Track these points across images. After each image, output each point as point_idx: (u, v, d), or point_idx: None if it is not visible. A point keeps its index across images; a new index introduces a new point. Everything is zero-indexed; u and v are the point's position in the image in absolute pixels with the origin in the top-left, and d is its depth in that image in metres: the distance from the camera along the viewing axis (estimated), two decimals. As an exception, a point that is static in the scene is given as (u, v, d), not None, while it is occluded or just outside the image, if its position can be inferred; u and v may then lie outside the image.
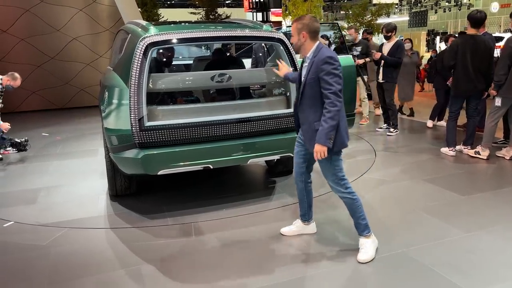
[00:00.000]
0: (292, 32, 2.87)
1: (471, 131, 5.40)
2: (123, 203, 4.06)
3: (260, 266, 2.90)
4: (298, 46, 2.90)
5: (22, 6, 9.20)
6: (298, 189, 3.24)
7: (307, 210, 3.29)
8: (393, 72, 6.39)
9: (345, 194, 2.93)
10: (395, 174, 4.79)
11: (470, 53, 4.98)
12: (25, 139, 6.00)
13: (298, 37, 2.85)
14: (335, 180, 2.93)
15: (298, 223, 3.36)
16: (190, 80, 3.91)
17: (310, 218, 3.33)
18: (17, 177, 5.07)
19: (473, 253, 2.98)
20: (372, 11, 24.84)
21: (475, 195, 4.06)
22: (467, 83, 5.08)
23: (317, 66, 2.76)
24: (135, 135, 3.37)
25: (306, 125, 2.92)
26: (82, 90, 10.04)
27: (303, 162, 3.13)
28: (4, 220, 3.78)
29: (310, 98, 2.86)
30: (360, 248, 2.98)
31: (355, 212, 2.97)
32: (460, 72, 5.07)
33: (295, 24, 2.87)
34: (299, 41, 2.86)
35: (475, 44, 4.98)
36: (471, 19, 5.02)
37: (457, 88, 5.16)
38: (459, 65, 5.06)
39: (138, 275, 2.83)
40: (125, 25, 4.54)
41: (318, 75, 2.76)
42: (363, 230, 3.00)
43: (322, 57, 2.76)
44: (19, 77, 5.77)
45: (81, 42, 9.82)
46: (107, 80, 4.13)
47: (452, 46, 5.18)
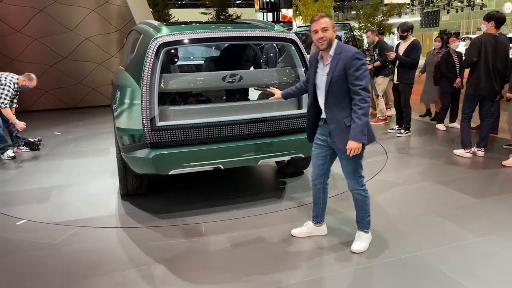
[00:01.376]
0: (329, 26, 2.80)
1: (485, 133, 5.32)
2: (134, 203, 4.08)
3: (270, 268, 2.89)
4: (331, 41, 2.84)
5: (36, 6, 9.30)
6: (314, 191, 3.23)
7: (321, 212, 3.29)
8: (408, 73, 6.30)
9: (360, 191, 3.02)
10: (406, 176, 4.74)
11: (492, 52, 4.89)
12: (38, 139, 6.07)
13: (332, 31, 2.83)
14: (355, 176, 2.99)
15: (310, 225, 3.35)
16: (202, 80, 3.91)
17: (322, 220, 3.32)
18: (30, 175, 5.13)
19: (487, 258, 2.94)
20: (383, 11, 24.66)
21: (488, 198, 4.00)
22: (487, 83, 4.96)
23: (345, 62, 2.75)
24: (147, 135, 3.38)
25: (335, 123, 2.87)
26: (94, 90, 10.12)
27: (323, 164, 3.11)
28: (17, 218, 3.82)
29: (337, 96, 2.83)
30: (356, 239, 3.11)
31: (364, 209, 3.07)
32: (482, 71, 4.94)
33: (330, 19, 2.84)
34: (332, 36, 2.84)
35: (496, 44, 4.90)
36: (496, 19, 4.90)
37: (478, 87, 5.00)
38: (482, 63, 4.93)
39: (148, 275, 2.84)
40: (137, 25, 4.56)
41: (347, 71, 2.75)
42: (364, 226, 3.11)
43: (350, 53, 2.76)
44: (35, 78, 5.85)
45: (93, 42, 9.90)
46: (119, 80, 4.15)
47: (475, 44, 4.99)
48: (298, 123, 3.81)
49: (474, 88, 5.03)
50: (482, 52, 4.91)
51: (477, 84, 4.99)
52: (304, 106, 3.86)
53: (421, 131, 6.97)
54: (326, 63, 2.88)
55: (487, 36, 4.95)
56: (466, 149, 5.26)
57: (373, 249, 3.10)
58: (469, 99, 5.15)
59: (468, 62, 5.04)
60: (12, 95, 5.61)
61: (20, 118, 5.87)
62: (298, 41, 3.84)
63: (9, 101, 5.57)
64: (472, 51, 4.96)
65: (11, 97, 5.62)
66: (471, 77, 5.07)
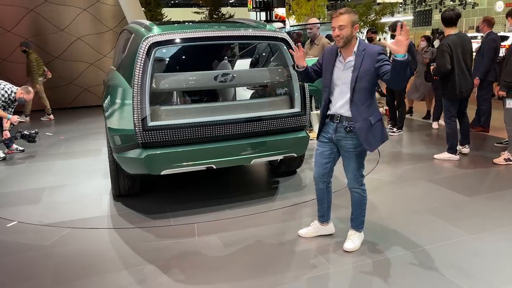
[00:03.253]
0: (346, 24, 2.73)
1: (466, 130, 5.32)
2: (126, 203, 4.06)
3: (263, 267, 2.89)
4: (349, 39, 2.78)
5: (26, 5, 9.23)
6: (318, 190, 3.19)
7: (326, 211, 3.25)
8: None
9: (359, 190, 3.03)
10: (399, 175, 4.76)
11: (461, 52, 4.82)
12: (35, 131, 6.05)
13: (351, 29, 2.76)
14: (356, 175, 2.99)
15: (316, 224, 3.31)
16: (193, 80, 3.89)
17: (328, 219, 3.29)
18: (21, 176, 5.08)
19: (478, 255, 2.96)
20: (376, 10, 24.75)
21: (480, 196, 4.03)
22: (466, 84, 4.89)
23: (372, 58, 2.75)
24: (138, 135, 3.37)
25: (361, 122, 2.82)
26: (85, 90, 10.06)
27: (327, 163, 3.08)
28: (8, 220, 3.79)
29: (364, 93, 2.80)
30: (348, 238, 3.11)
31: (360, 208, 3.08)
32: (458, 75, 4.83)
33: (350, 16, 2.76)
34: (351, 34, 2.77)
35: (462, 42, 4.86)
36: (449, 19, 4.84)
37: (459, 91, 4.87)
38: (456, 67, 4.81)
39: (140, 276, 2.82)
40: (129, 25, 4.53)
41: (375, 65, 2.74)
42: (358, 225, 3.12)
43: (375, 49, 2.79)
44: (32, 91, 5.96)
45: (85, 41, 9.83)
46: (110, 80, 4.13)
47: (444, 51, 4.77)
48: (291, 122, 3.81)
49: (454, 93, 4.88)
50: (454, 57, 4.79)
51: (457, 88, 4.85)
52: (296, 105, 3.86)
53: (414, 130, 7.00)
54: (348, 59, 2.83)
55: (451, 38, 4.82)
56: (455, 153, 5.15)
57: (365, 247, 3.11)
58: (451, 103, 5.02)
59: (444, 71, 4.82)
60: (4, 101, 5.58)
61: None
62: (290, 40, 3.84)
63: (1, 106, 5.55)
64: (445, 59, 4.77)
65: (3, 103, 5.59)
66: (447, 84, 4.90)
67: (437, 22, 33.58)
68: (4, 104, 5.65)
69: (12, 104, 5.79)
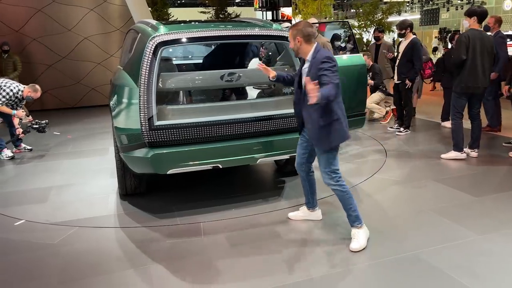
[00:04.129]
0: (289, 38, 3.09)
1: (477, 134, 5.18)
2: (133, 202, 4.07)
3: (269, 267, 2.88)
4: (296, 50, 3.09)
5: (34, 6, 9.29)
6: (301, 178, 3.46)
7: (310, 198, 3.50)
8: (409, 71, 6.27)
9: (336, 187, 3.11)
10: (406, 175, 4.73)
11: (480, 48, 4.78)
12: (46, 122, 6.08)
13: (294, 42, 3.05)
14: (328, 172, 3.10)
15: (304, 209, 3.58)
16: (200, 79, 3.90)
17: (314, 205, 3.54)
18: (29, 175, 5.12)
19: (486, 256, 2.93)
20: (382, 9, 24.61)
21: (488, 196, 3.99)
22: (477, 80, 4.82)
23: (316, 66, 2.94)
24: (145, 134, 3.37)
25: (311, 123, 3.05)
26: (93, 89, 10.11)
27: (304, 153, 3.34)
28: (16, 219, 3.82)
29: None
30: (352, 238, 3.13)
31: (345, 204, 3.14)
32: (471, 68, 4.79)
33: (290, 31, 3.07)
34: (295, 45, 3.05)
35: (483, 39, 4.81)
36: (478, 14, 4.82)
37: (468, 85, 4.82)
38: (470, 60, 4.77)
39: (147, 275, 2.83)
40: (135, 25, 4.54)
41: (318, 73, 2.89)
42: (354, 221, 3.15)
43: (320, 58, 2.94)
44: (40, 90, 5.91)
45: (92, 41, 9.88)
46: (117, 79, 4.14)
47: (462, 41, 4.80)
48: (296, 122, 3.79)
49: (461, 86, 4.87)
50: (470, 49, 4.77)
51: (464, 82, 4.83)
52: None
53: (421, 129, 6.96)
54: (305, 66, 3.08)
55: (473, 32, 4.82)
56: (461, 151, 5.10)
57: (372, 247, 3.09)
58: (458, 97, 4.98)
59: (457, 60, 4.82)
60: (9, 99, 5.62)
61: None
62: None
63: (4, 102, 5.58)
64: (461, 49, 4.78)
65: (8, 100, 5.63)
66: (458, 76, 4.89)
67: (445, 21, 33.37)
68: (12, 103, 5.69)
69: (20, 102, 5.83)
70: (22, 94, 5.72)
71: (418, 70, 6.32)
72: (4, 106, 5.63)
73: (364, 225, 3.16)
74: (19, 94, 5.69)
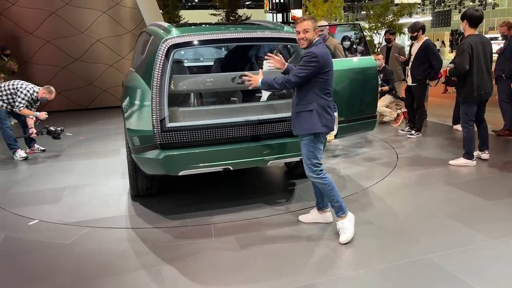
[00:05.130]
0: (309, 29, 3.12)
1: (485, 136, 5.13)
2: (144, 203, 4.10)
3: (280, 269, 2.89)
4: (311, 42, 3.15)
5: (48, 8, 9.43)
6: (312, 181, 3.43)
7: (320, 199, 3.49)
8: (421, 74, 6.23)
9: (317, 179, 3.22)
10: (417, 178, 4.70)
11: (482, 53, 4.71)
12: (61, 128, 6.16)
13: (313, 33, 3.14)
14: (310, 165, 3.21)
15: (315, 212, 3.58)
16: (211, 81, 3.92)
17: (324, 206, 3.51)
18: (42, 176, 5.19)
19: (499, 261, 2.89)
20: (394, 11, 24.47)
21: (502, 201, 3.94)
22: (485, 86, 4.77)
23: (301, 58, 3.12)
24: (157, 136, 3.40)
25: (291, 109, 3.28)
26: (104, 91, 10.22)
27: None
28: (29, 218, 3.87)
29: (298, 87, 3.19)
30: (339, 231, 3.23)
31: (328, 195, 3.24)
32: (477, 76, 4.69)
33: (310, 22, 3.14)
34: (313, 37, 3.15)
35: (483, 44, 4.73)
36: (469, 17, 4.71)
37: (478, 93, 4.74)
38: (475, 68, 4.67)
39: (158, 276, 2.85)
40: (147, 27, 4.58)
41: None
42: (337, 212, 3.26)
43: (307, 51, 3.10)
44: (54, 91, 6.00)
45: (104, 43, 10.00)
46: (129, 81, 4.18)
47: (465, 50, 4.64)
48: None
49: (473, 95, 4.75)
50: (474, 57, 4.65)
51: (475, 91, 4.72)
52: None
53: (433, 132, 6.90)
54: None
55: (473, 38, 4.70)
56: (472, 159, 4.99)
57: (384, 251, 3.08)
58: (470, 106, 4.83)
59: (461, 71, 4.68)
60: (27, 101, 5.70)
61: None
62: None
63: (25, 105, 5.67)
64: (464, 59, 4.64)
65: (26, 103, 5.71)
66: (465, 86, 4.76)
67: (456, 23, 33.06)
68: (27, 104, 5.78)
69: (34, 103, 5.91)
70: (37, 95, 5.81)
71: (438, 69, 6.24)
72: (25, 109, 5.72)
73: (348, 213, 3.27)
74: (34, 95, 5.78)
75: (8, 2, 9.21)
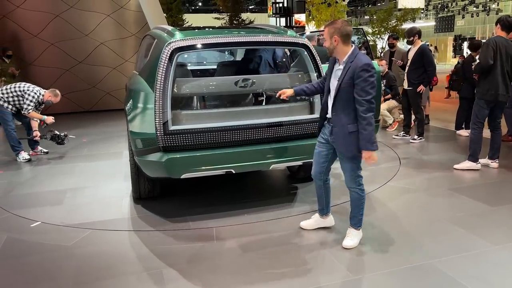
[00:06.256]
0: (325, 36, 2.96)
1: (498, 144, 5.08)
2: (146, 206, 4.10)
3: (281, 273, 2.88)
4: (331, 50, 2.99)
5: (52, 11, 9.48)
6: (317, 186, 3.41)
7: (325, 206, 3.45)
8: (418, 78, 6.24)
9: (356, 189, 3.15)
10: (420, 183, 4.68)
11: (505, 55, 4.70)
12: (65, 134, 6.18)
13: (330, 41, 2.95)
14: (353, 175, 3.11)
15: (317, 217, 3.52)
16: (214, 85, 3.93)
17: (328, 212, 3.49)
18: (45, 177, 5.20)
19: (502, 266, 2.88)
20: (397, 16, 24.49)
21: (505, 206, 3.92)
22: (504, 88, 4.73)
23: (354, 71, 2.86)
24: (160, 139, 3.41)
25: (339, 127, 3.01)
26: (108, 94, 10.25)
27: (324, 162, 3.27)
28: (32, 220, 3.87)
29: (344, 101, 2.96)
30: (347, 235, 3.23)
31: (358, 207, 3.18)
32: (498, 75, 4.68)
33: (327, 29, 2.96)
34: (331, 45, 2.96)
35: (508, 47, 4.73)
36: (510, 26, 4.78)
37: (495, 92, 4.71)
38: (498, 67, 4.67)
39: (159, 279, 2.85)
40: (151, 30, 4.60)
41: (354, 80, 2.86)
42: (356, 223, 3.23)
43: (360, 63, 2.85)
44: (60, 95, 6.01)
45: (108, 46, 10.04)
46: (132, 84, 4.20)
47: (490, 46, 4.67)
48: (311, 128, 3.79)
49: (490, 94, 4.74)
50: (498, 55, 4.68)
51: (494, 89, 4.72)
52: (316, 111, 3.85)
53: (436, 137, 6.89)
54: (338, 67, 3.01)
55: (499, 38, 4.74)
56: (476, 162, 4.98)
57: (386, 256, 3.06)
58: (482, 107, 4.84)
59: (484, 65, 4.69)
60: (35, 104, 5.73)
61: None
62: (311, 46, 3.84)
63: (32, 108, 5.70)
64: (488, 53, 4.67)
65: (34, 105, 5.74)
66: (485, 83, 4.77)
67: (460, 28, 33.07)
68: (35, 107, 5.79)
69: (39, 106, 5.93)
70: (42, 98, 5.83)
71: (431, 75, 6.28)
72: (34, 112, 5.75)
73: (361, 229, 3.26)
74: (40, 98, 5.79)
75: (13, 5, 9.27)
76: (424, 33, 7.57)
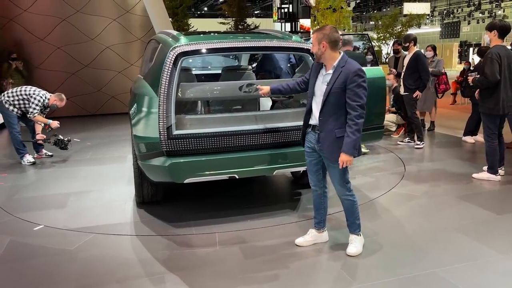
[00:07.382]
0: (313, 42, 2.96)
1: (502, 151, 4.99)
2: (149, 210, 4.09)
3: (284, 280, 2.85)
4: (319, 56, 2.96)
5: (59, 15, 9.54)
6: (315, 196, 3.32)
7: (323, 218, 3.36)
8: (413, 84, 6.26)
9: (348, 196, 3.11)
10: (425, 190, 4.64)
11: (508, 65, 4.59)
12: (68, 139, 6.19)
13: (318, 46, 2.93)
14: (343, 182, 3.07)
15: (313, 233, 3.38)
16: (218, 90, 3.92)
17: (324, 225, 3.39)
18: (49, 181, 5.21)
19: (507, 276, 2.84)
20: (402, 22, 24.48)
21: (511, 214, 3.88)
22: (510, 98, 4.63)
23: (347, 76, 2.85)
24: (163, 143, 3.40)
25: (326, 132, 2.98)
26: (113, 97, 10.29)
27: (318, 170, 3.22)
28: (35, 224, 3.88)
29: (333, 107, 2.93)
30: (350, 243, 3.19)
31: (353, 213, 3.15)
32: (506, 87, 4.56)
33: (316, 34, 2.95)
34: (319, 50, 2.93)
35: (509, 56, 4.62)
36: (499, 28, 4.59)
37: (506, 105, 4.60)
38: (503, 79, 4.54)
39: (161, 284, 2.83)
40: (156, 35, 4.62)
41: (347, 86, 2.84)
42: (355, 229, 3.19)
43: (353, 69, 2.85)
44: (65, 99, 6.03)
45: (114, 50, 10.08)
46: (137, 88, 4.20)
47: (494, 59, 4.51)
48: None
49: (497, 108, 4.60)
50: (502, 68, 4.54)
51: (501, 103, 4.57)
52: None
53: (441, 144, 6.84)
54: (327, 72, 2.98)
55: (500, 48, 4.59)
56: (496, 174, 4.85)
57: (390, 264, 3.03)
58: (493, 118, 4.71)
59: (494, 81, 4.49)
60: (40, 108, 5.75)
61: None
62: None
63: (38, 111, 5.72)
64: (495, 69, 4.48)
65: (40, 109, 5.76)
66: (491, 98, 4.61)
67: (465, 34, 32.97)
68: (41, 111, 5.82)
69: (44, 110, 5.95)
70: (48, 102, 5.85)
71: (425, 81, 6.30)
72: (39, 116, 5.77)
73: (361, 233, 3.23)
74: (45, 102, 5.82)
75: (20, 9, 9.34)
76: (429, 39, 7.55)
